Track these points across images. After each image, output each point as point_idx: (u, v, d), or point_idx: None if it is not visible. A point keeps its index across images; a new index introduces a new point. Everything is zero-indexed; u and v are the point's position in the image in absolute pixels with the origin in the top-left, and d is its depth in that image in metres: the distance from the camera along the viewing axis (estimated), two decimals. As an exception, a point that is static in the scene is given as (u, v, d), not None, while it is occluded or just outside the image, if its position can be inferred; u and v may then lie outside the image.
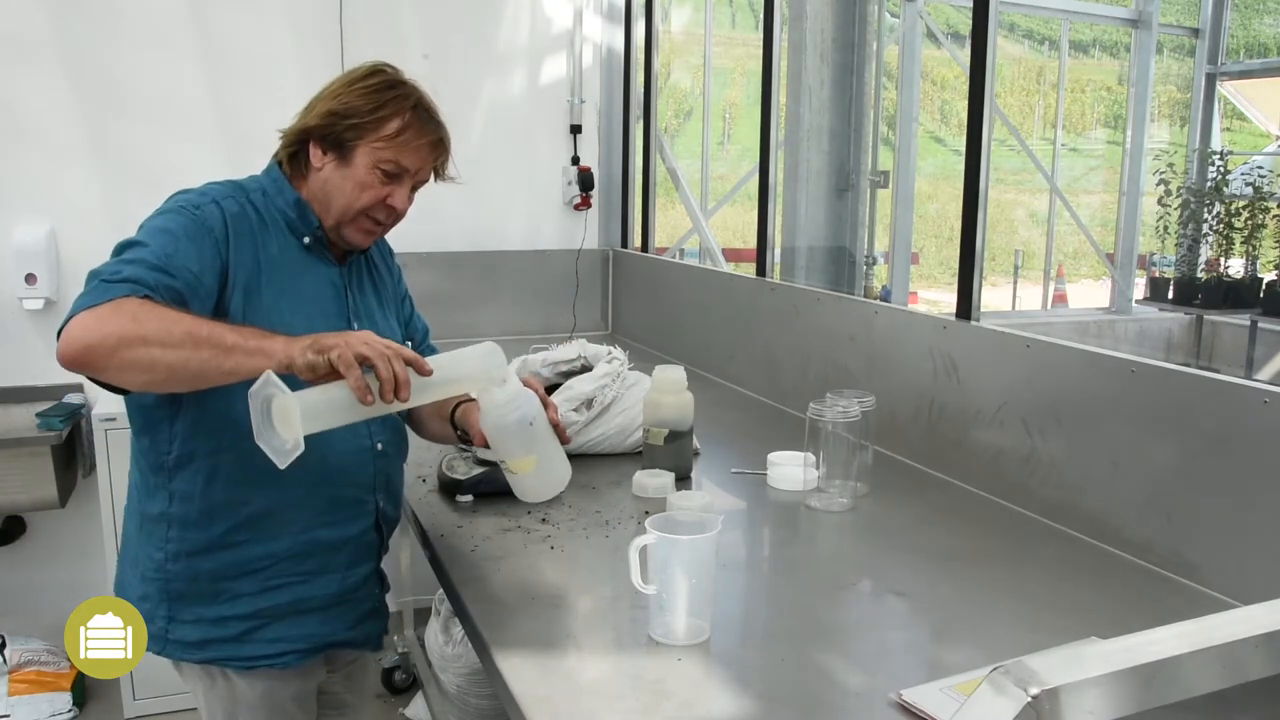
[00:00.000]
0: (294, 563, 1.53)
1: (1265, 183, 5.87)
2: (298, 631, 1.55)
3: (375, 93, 1.51)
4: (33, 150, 3.08)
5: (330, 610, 1.58)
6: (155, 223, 1.41)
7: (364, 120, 1.49)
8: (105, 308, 1.24)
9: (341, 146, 1.51)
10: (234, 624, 1.51)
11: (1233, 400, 1.50)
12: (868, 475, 1.91)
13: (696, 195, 5.45)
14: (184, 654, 1.52)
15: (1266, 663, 0.66)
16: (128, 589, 1.55)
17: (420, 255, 3.45)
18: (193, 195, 1.48)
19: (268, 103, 3.17)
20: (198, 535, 1.48)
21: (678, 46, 8.41)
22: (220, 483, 1.46)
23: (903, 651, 1.39)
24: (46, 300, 3.07)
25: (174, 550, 1.49)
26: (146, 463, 1.50)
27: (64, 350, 1.23)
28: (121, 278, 1.28)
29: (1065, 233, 8.35)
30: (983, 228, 2.06)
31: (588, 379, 2.11)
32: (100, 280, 1.28)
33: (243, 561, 1.50)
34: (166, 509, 1.48)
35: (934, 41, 6.82)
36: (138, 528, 1.54)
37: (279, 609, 1.53)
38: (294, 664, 1.56)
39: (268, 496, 1.48)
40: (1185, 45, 7.99)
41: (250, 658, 1.53)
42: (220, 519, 1.48)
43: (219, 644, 1.52)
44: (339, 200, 1.53)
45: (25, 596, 3.16)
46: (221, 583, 1.50)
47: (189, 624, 1.51)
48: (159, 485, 1.48)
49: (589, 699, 1.19)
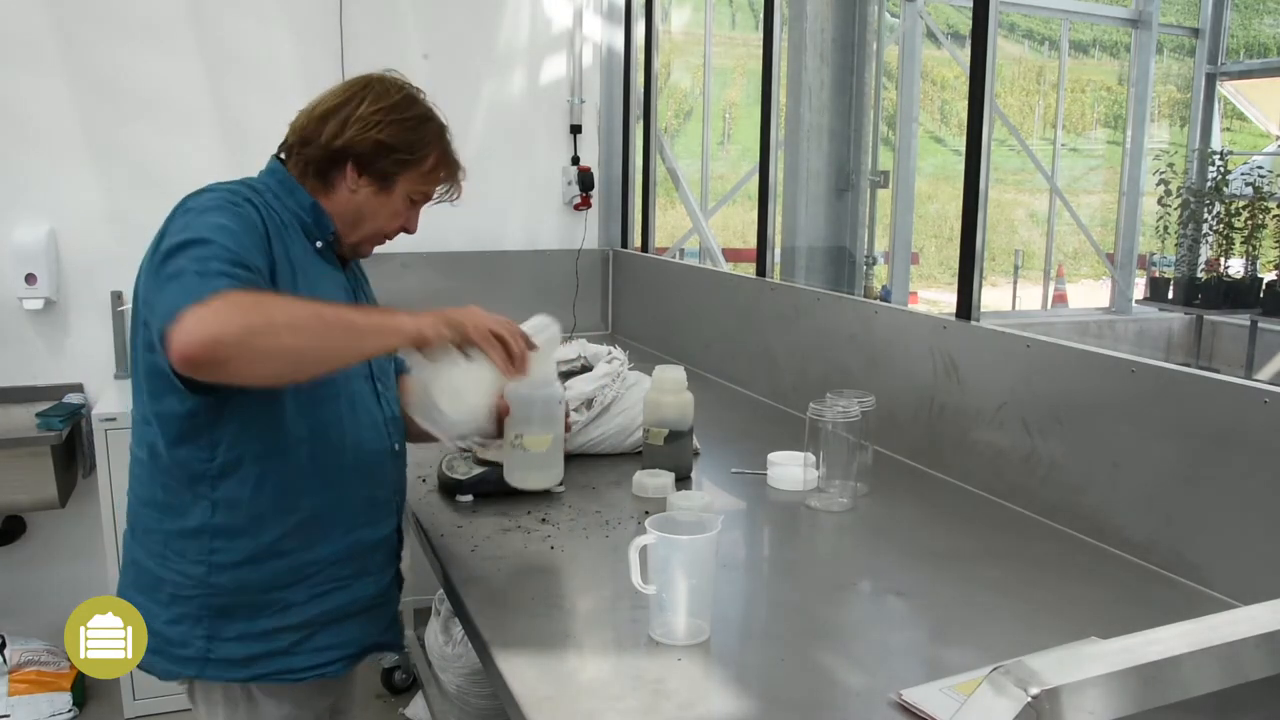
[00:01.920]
0: (339, 566, 1.50)
1: (1265, 183, 5.87)
2: (344, 637, 1.52)
3: (418, 127, 1.54)
4: (33, 150, 3.08)
5: (370, 613, 1.57)
6: (210, 220, 1.32)
7: (410, 156, 1.53)
8: (218, 301, 1.18)
9: (384, 177, 1.53)
10: (284, 635, 1.46)
11: (1233, 400, 1.50)
12: (868, 475, 1.91)
13: (696, 195, 5.45)
14: (227, 674, 1.44)
15: (1266, 663, 0.66)
16: (152, 616, 1.44)
17: (420, 255, 3.45)
18: (222, 194, 1.42)
19: (268, 103, 3.20)
20: (246, 544, 1.42)
21: (678, 46, 8.40)
22: (270, 488, 1.42)
23: (903, 651, 1.39)
24: (46, 300, 3.07)
25: (219, 562, 1.42)
26: (183, 474, 1.41)
27: (185, 348, 1.17)
28: (216, 271, 1.23)
29: (1065, 233, 8.34)
30: (983, 228, 2.06)
31: (588, 379, 2.11)
32: (194, 274, 1.22)
33: (294, 569, 1.45)
34: (208, 520, 1.41)
35: (934, 41, 6.82)
36: (163, 547, 1.44)
37: (327, 615, 1.49)
38: (341, 671, 1.52)
39: (316, 500, 1.46)
40: (1185, 45, 7.99)
41: (300, 670, 1.47)
42: (270, 526, 1.43)
43: (267, 659, 1.45)
44: (371, 224, 1.57)
45: (25, 596, 3.16)
46: (272, 593, 1.44)
47: (232, 641, 1.43)
48: (199, 496, 1.41)
49: (589, 699, 1.19)
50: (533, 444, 1.61)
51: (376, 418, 1.56)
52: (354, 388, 1.52)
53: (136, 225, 3.10)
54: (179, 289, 1.21)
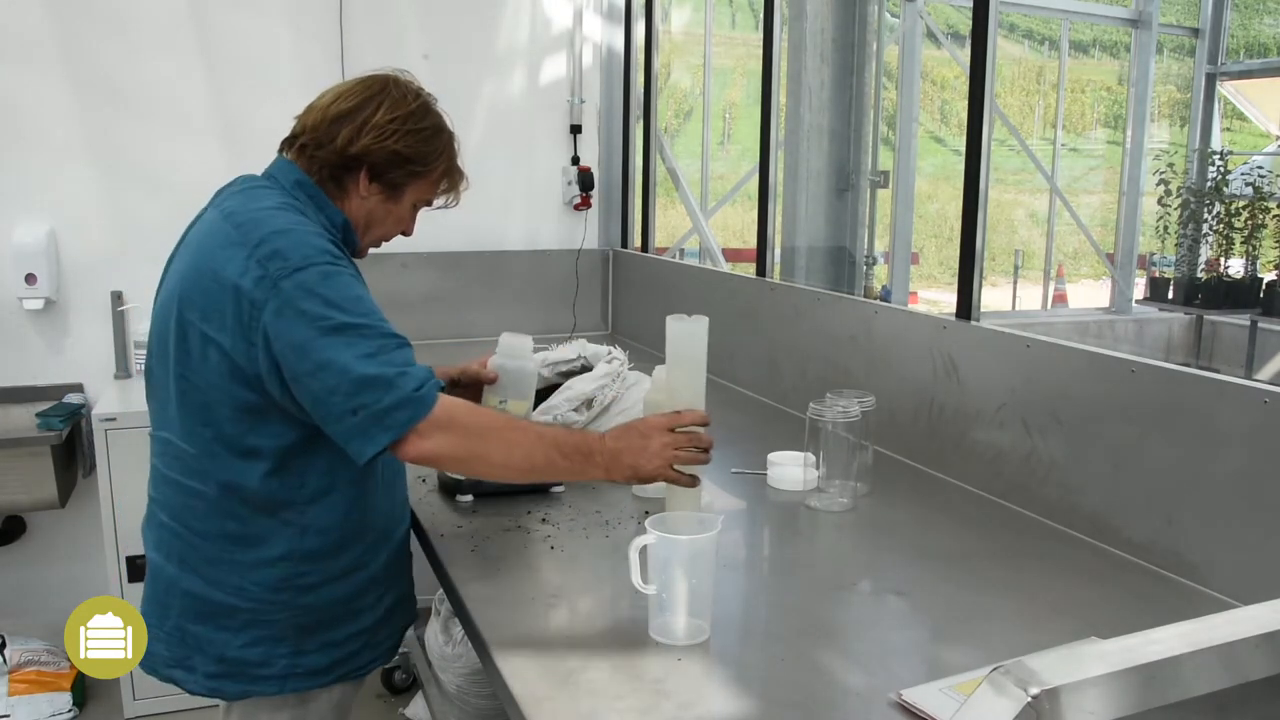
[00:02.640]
0: (392, 568, 1.63)
1: (1265, 183, 5.87)
2: (395, 626, 1.65)
3: (431, 139, 1.57)
4: (33, 150, 3.08)
5: (408, 599, 1.71)
6: (350, 292, 1.38)
7: (421, 169, 1.57)
8: (447, 425, 1.36)
9: (394, 186, 1.57)
10: (358, 639, 1.56)
11: (1233, 400, 1.50)
12: (868, 475, 1.91)
13: (696, 195, 5.45)
14: (310, 683, 1.52)
15: (1266, 663, 0.66)
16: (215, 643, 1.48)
17: (420, 255, 3.46)
18: (314, 239, 1.42)
19: (268, 103, 3.20)
20: (332, 564, 1.50)
21: (678, 46, 8.40)
22: (357, 509, 1.51)
23: (903, 651, 1.39)
24: (46, 300, 3.07)
25: (307, 584, 1.48)
26: (270, 503, 1.45)
27: (416, 458, 1.37)
28: (420, 381, 1.35)
29: (1065, 233, 8.34)
30: (983, 228, 2.06)
31: (588, 379, 2.10)
32: (400, 372, 1.34)
33: (371, 577, 1.56)
34: (297, 545, 1.46)
35: (934, 41, 6.82)
36: (238, 578, 1.46)
37: (387, 612, 1.62)
38: (391, 658, 1.66)
39: (381, 512, 1.57)
40: (1185, 45, 8.00)
41: (366, 664, 1.60)
42: (353, 544, 1.52)
43: (345, 661, 1.55)
44: (378, 229, 1.61)
45: (25, 596, 3.16)
46: (351, 603, 1.54)
47: (315, 652, 1.51)
48: (285, 523, 1.45)
49: (589, 699, 1.19)
50: (515, 408, 1.78)
51: None
52: None
53: (136, 225, 3.16)
54: (381, 395, 1.33)
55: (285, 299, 1.34)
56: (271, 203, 1.47)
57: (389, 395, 1.33)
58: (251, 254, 1.37)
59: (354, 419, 1.33)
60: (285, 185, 1.53)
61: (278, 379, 1.37)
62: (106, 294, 3.16)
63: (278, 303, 1.34)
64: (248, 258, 1.37)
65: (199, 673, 1.50)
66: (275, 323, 1.34)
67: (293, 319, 1.34)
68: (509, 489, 1.88)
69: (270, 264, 1.36)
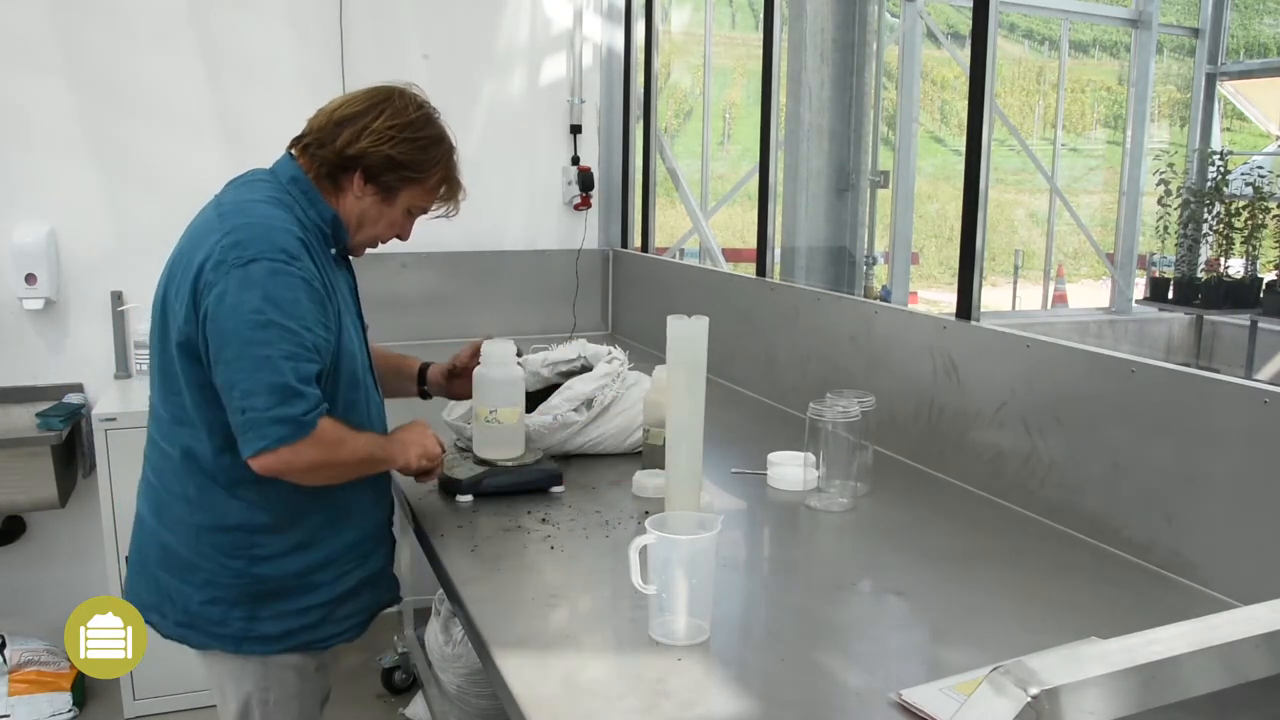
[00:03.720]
0: (358, 547, 1.69)
1: (1265, 183, 5.87)
2: (359, 606, 1.72)
3: (429, 147, 1.64)
4: (33, 150, 3.08)
5: (378, 581, 1.77)
6: (285, 293, 1.47)
7: (416, 175, 1.64)
8: (305, 448, 1.47)
9: (389, 189, 1.64)
10: (314, 612, 1.64)
11: (1233, 400, 1.50)
12: (868, 475, 1.91)
13: (696, 195, 5.45)
14: (265, 648, 1.62)
15: (1266, 663, 0.66)
16: (182, 594, 1.60)
17: (420, 255, 3.46)
18: (278, 236, 1.50)
19: (268, 102, 3.21)
20: (287, 538, 1.59)
21: (678, 46, 8.40)
22: (306, 490, 1.57)
23: (903, 651, 1.39)
24: (46, 300, 3.08)
25: (261, 555, 1.58)
26: (225, 477, 1.55)
27: (263, 470, 1.47)
28: (309, 407, 1.46)
29: (1065, 233, 8.34)
30: (983, 228, 2.06)
31: (588, 379, 2.10)
32: (292, 393, 1.45)
33: (325, 555, 1.64)
34: (249, 518, 1.56)
35: (934, 41, 6.82)
36: (195, 539, 1.58)
37: (348, 591, 1.68)
38: (357, 635, 1.73)
39: (341, 495, 1.63)
40: (1185, 45, 7.99)
41: (325, 638, 1.67)
42: (308, 519, 1.61)
43: (300, 632, 1.64)
44: (370, 230, 1.68)
45: (25, 596, 3.16)
46: (306, 577, 1.62)
47: (270, 620, 1.61)
48: (238, 497, 1.56)
49: (589, 699, 1.19)
50: (506, 416, 1.84)
51: (377, 407, 1.75)
52: (366, 382, 1.70)
53: (136, 225, 3.16)
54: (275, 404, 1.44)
55: (229, 284, 1.45)
56: (259, 195, 1.58)
57: (280, 408, 1.44)
58: (220, 240, 1.49)
59: (241, 417, 1.45)
60: (282, 180, 1.62)
61: (208, 359, 1.48)
62: (106, 294, 3.16)
63: (222, 287, 1.45)
64: (216, 243, 1.49)
65: (170, 620, 1.63)
66: (216, 306, 1.46)
67: (230, 306, 1.45)
68: (509, 489, 1.88)
69: (230, 252, 1.47)
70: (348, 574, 1.67)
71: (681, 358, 1.63)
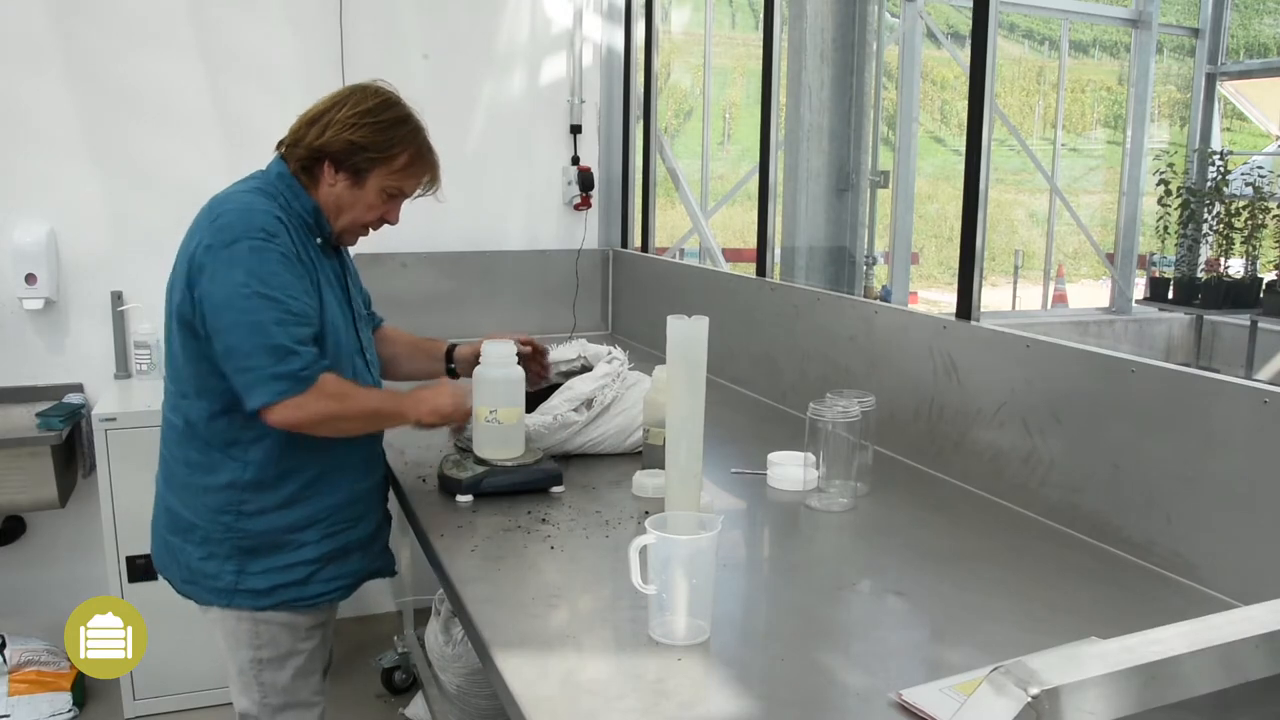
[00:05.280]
0: (344, 511, 1.81)
1: (1265, 183, 5.87)
2: (347, 569, 1.84)
3: (390, 128, 1.75)
4: (33, 150, 3.08)
5: (367, 548, 1.89)
6: (267, 267, 1.62)
7: (379, 155, 1.75)
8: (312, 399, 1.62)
9: (357, 172, 1.76)
10: (300, 569, 1.76)
11: (1233, 400, 1.50)
12: (868, 475, 1.91)
13: (696, 195, 5.45)
14: (253, 602, 1.75)
15: (1266, 663, 0.66)
16: (184, 552, 1.76)
17: (420, 255, 3.46)
18: (257, 218, 1.65)
19: (268, 103, 3.21)
20: (271, 496, 1.73)
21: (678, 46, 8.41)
22: (291, 450, 1.72)
23: (903, 651, 1.39)
24: (46, 300, 3.08)
25: (248, 510, 1.72)
26: (219, 440, 1.71)
27: (280, 424, 1.64)
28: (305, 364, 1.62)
29: (1065, 233, 8.35)
30: (983, 228, 2.06)
31: (588, 379, 2.10)
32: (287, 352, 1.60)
33: (309, 515, 1.76)
34: (239, 476, 1.71)
35: (934, 41, 6.82)
36: (194, 498, 1.75)
37: (335, 552, 1.80)
38: (345, 596, 1.86)
39: (325, 458, 1.76)
40: (1185, 45, 8.00)
41: (312, 596, 1.79)
42: (290, 480, 1.74)
43: (286, 588, 1.76)
44: (348, 215, 1.79)
45: (25, 596, 3.16)
46: (290, 534, 1.75)
47: (258, 574, 1.74)
48: (232, 457, 1.71)
49: (589, 699, 1.19)
50: (506, 416, 1.87)
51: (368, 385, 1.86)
52: (355, 364, 1.82)
53: (136, 225, 3.16)
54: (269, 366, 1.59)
55: (217, 264, 1.61)
56: (246, 187, 1.75)
57: (278, 365, 1.60)
58: (209, 225, 1.65)
59: (244, 376, 1.61)
60: (270, 176, 1.78)
61: (206, 333, 1.63)
62: (106, 294, 3.16)
63: (212, 267, 1.61)
64: (206, 228, 1.65)
65: (177, 578, 1.80)
66: (208, 284, 1.62)
67: (221, 282, 1.61)
68: (509, 489, 1.88)
69: (218, 235, 1.63)
70: (334, 535, 1.79)
71: (681, 357, 1.63)
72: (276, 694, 1.82)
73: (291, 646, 1.81)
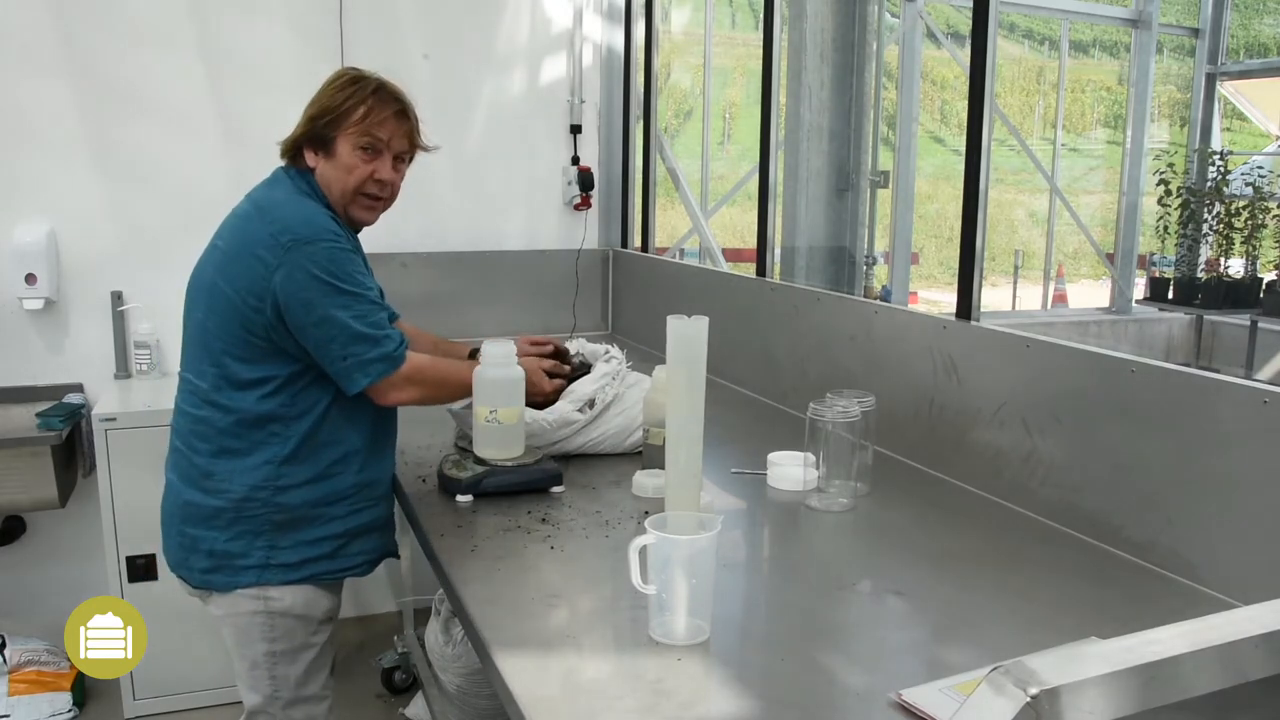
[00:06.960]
0: (366, 490, 1.87)
1: (1265, 183, 5.87)
2: (368, 546, 1.91)
3: (340, 90, 1.81)
4: (33, 150, 3.08)
5: (383, 530, 1.95)
6: (347, 267, 1.74)
7: (335, 115, 1.79)
8: (407, 379, 1.79)
9: (326, 143, 1.81)
10: (328, 543, 1.83)
11: (1233, 400, 1.50)
12: (868, 475, 1.91)
13: (696, 195, 5.45)
14: (283, 576, 1.80)
15: (1266, 663, 0.66)
16: (207, 540, 1.79)
17: (420, 255, 3.46)
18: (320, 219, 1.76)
19: (268, 103, 3.21)
20: (306, 469, 1.79)
21: (678, 46, 8.41)
22: (329, 424, 1.80)
23: (903, 651, 1.39)
24: (46, 300, 3.07)
25: (285, 485, 1.78)
26: (262, 419, 1.76)
27: (386, 403, 1.82)
28: (395, 345, 1.78)
29: (1065, 233, 8.35)
30: (983, 228, 2.06)
31: (588, 380, 2.11)
32: (377, 338, 1.75)
33: (337, 490, 1.83)
34: (280, 452, 1.77)
35: (934, 41, 6.82)
36: (223, 483, 1.78)
37: (359, 528, 1.87)
38: (367, 572, 1.93)
39: (357, 436, 1.84)
40: (1185, 45, 8.00)
41: (339, 570, 1.86)
42: (325, 454, 1.81)
43: (315, 562, 1.82)
44: (336, 186, 1.83)
45: (25, 596, 3.16)
46: (321, 508, 1.81)
47: (288, 549, 1.80)
48: (273, 434, 1.77)
49: (589, 699, 1.19)
50: (506, 416, 1.88)
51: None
52: None
53: (137, 225, 3.16)
54: (367, 349, 1.74)
55: (295, 265, 1.69)
56: (283, 190, 1.83)
57: (373, 350, 1.74)
58: (268, 228, 1.72)
59: (344, 364, 1.73)
60: (291, 176, 1.85)
61: (282, 328, 1.71)
62: (106, 294, 3.16)
63: (288, 268, 1.69)
64: (265, 231, 1.72)
65: (195, 570, 1.81)
66: (285, 284, 1.69)
67: (302, 282, 1.69)
68: (509, 489, 1.88)
69: (282, 236, 1.70)
70: (359, 511, 1.86)
71: (681, 357, 1.63)
72: (289, 688, 1.84)
73: (305, 640, 1.84)
